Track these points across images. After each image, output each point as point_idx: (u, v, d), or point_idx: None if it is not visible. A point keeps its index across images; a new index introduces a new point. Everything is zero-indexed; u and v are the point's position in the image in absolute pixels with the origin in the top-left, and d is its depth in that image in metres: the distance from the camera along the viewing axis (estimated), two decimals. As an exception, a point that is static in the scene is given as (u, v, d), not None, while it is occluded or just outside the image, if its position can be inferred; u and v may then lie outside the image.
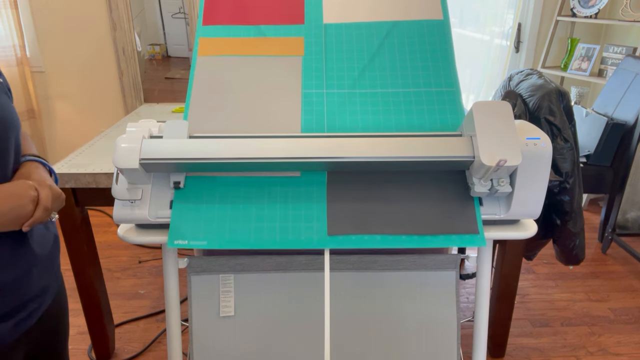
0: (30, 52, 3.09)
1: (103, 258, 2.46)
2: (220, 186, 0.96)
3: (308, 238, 0.91)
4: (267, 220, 0.93)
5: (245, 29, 1.13)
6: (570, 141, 1.54)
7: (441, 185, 0.97)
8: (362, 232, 0.92)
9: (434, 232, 0.92)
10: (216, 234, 0.92)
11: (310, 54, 1.10)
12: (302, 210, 0.94)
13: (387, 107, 1.05)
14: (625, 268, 2.39)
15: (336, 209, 0.94)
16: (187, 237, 0.91)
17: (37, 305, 0.89)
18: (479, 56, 3.35)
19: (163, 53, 6.84)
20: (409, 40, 1.11)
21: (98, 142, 1.74)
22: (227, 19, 1.14)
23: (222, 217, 0.93)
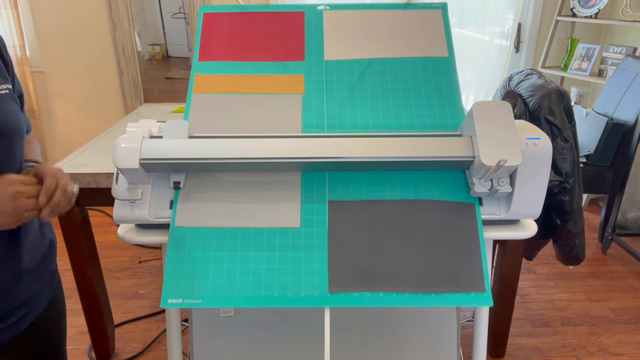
0: (30, 52, 3.09)
1: (103, 258, 2.46)
2: (216, 236, 0.92)
3: (308, 295, 0.87)
4: (265, 276, 0.88)
5: (243, 65, 1.07)
6: (570, 141, 1.54)
7: (447, 231, 0.92)
8: (364, 289, 0.87)
9: (439, 290, 0.87)
10: (212, 291, 0.87)
11: (310, 92, 1.05)
12: (302, 264, 0.89)
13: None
14: (625, 268, 2.39)
15: (337, 262, 0.89)
16: (181, 295, 0.86)
17: (27, 311, 0.88)
18: (479, 56, 3.35)
19: (163, 53, 6.84)
20: (412, 75, 1.06)
21: (98, 142, 1.74)
22: (224, 55, 1.09)
23: (218, 271, 0.88)
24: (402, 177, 0.97)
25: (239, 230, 0.92)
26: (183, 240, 0.91)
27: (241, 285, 0.87)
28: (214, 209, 0.93)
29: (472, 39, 3.34)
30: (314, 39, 1.11)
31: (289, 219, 0.92)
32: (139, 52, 4.03)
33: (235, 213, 0.93)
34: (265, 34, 1.11)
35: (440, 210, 0.93)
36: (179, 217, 0.93)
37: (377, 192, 0.95)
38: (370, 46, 1.10)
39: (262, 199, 0.94)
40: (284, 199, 0.94)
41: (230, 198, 0.94)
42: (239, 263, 0.89)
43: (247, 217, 0.93)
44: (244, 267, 0.89)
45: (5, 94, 0.82)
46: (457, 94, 1.05)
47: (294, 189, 0.95)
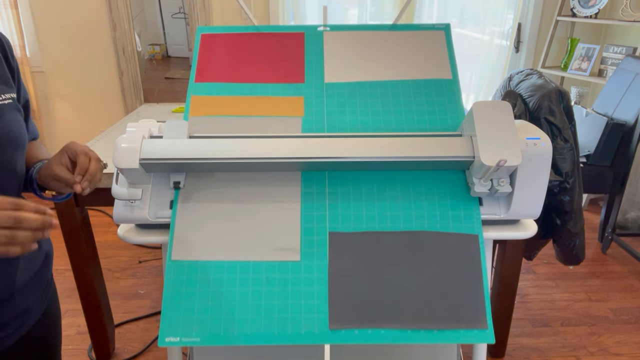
0: (30, 52, 3.09)
1: (103, 258, 2.46)
2: (215, 271, 0.89)
3: (308, 332, 0.85)
4: (264, 312, 0.86)
5: (241, 86, 1.04)
6: (570, 141, 1.54)
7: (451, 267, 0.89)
8: (365, 325, 0.85)
9: (441, 327, 0.86)
10: (210, 329, 0.85)
11: (310, 114, 1.02)
12: (302, 300, 0.86)
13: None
14: (625, 268, 2.39)
15: (338, 298, 0.87)
16: (179, 333, 0.85)
17: (21, 322, 0.86)
18: (479, 56, 3.35)
19: (163, 53, 6.84)
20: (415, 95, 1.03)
21: (98, 142, 1.74)
22: (222, 76, 1.06)
23: (216, 308, 0.86)
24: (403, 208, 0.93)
25: (238, 265, 0.89)
26: (180, 275, 0.88)
27: (240, 322, 0.86)
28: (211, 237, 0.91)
29: (472, 39, 3.34)
30: (314, 60, 1.08)
31: (289, 252, 0.90)
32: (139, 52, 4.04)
33: (234, 245, 0.91)
34: (265, 55, 1.08)
35: (442, 244, 0.91)
36: (176, 251, 0.90)
37: (379, 222, 0.92)
38: (371, 68, 1.07)
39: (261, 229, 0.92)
40: (283, 230, 0.92)
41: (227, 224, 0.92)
42: (237, 300, 0.87)
43: (246, 250, 0.90)
44: (242, 303, 0.87)
45: (8, 104, 0.80)
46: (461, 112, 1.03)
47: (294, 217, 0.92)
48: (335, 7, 3.16)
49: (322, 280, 0.88)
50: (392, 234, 0.91)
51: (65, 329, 1.95)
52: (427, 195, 0.94)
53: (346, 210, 0.93)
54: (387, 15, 3.15)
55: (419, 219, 0.92)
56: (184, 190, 0.95)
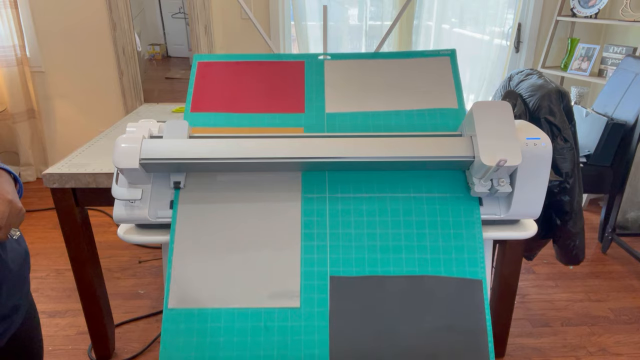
0: (30, 52, 3.09)
1: (103, 258, 2.46)
2: (212, 319, 0.87)
3: None
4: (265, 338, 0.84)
5: (239, 117, 1.01)
6: (570, 141, 1.54)
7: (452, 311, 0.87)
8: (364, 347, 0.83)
9: None
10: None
11: None
12: (302, 350, 0.84)
13: (397, 221, 0.94)
14: (625, 268, 2.39)
15: (339, 348, 0.84)
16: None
17: (7, 325, 0.85)
18: (479, 56, 3.35)
19: (163, 53, 6.84)
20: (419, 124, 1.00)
21: (98, 142, 1.74)
22: (219, 106, 1.02)
23: (214, 358, 0.84)
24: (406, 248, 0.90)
25: (235, 313, 0.87)
26: (177, 324, 0.86)
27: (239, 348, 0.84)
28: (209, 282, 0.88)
29: (472, 39, 3.34)
30: (314, 90, 1.05)
31: (288, 298, 0.87)
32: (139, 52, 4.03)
33: (232, 290, 0.88)
34: (264, 84, 1.05)
35: (446, 289, 0.88)
36: (172, 298, 0.88)
37: (381, 266, 0.89)
38: (373, 98, 1.03)
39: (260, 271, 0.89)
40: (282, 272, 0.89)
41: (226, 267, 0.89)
42: (235, 350, 0.84)
43: (244, 296, 0.88)
44: (241, 354, 0.84)
45: None
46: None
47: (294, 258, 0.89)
48: (335, 7, 3.16)
49: (323, 329, 0.85)
50: (394, 278, 0.88)
51: (65, 329, 1.95)
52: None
53: (348, 254, 0.89)
54: (386, 15, 3.15)
55: (422, 262, 0.89)
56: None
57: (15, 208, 0.74)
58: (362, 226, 0.91)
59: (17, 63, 3.02)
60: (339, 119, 1.01)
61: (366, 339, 0.85)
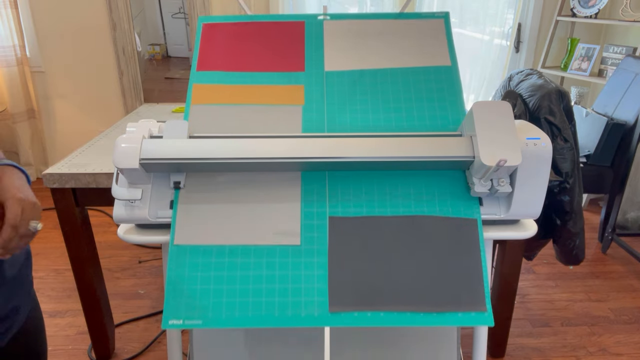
0: (30, 52, 3.09)
1: (103, 258, 2.46)
2: (216, 255, 0.90)
3: (308, 315, 0.86)
4: (265, 296, 0.87)
5: (242, 75, 1.06)
6: (570, 141, 1.54)
7: (450, 251, 0.91)
8: (365, 308, 0.86)
9: (441, 310, 0.87)
10: (212, 312, 0.86)
11: (311, 102, 1.03)
12: (302, 283, 0.88)
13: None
14: (625, 268, 2.39)
15: (338, 281, 0.88)
16: (181, 316, 0.86)
17: (7, 326, 0.84)
18: (479, 56, 3.35)
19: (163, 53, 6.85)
20: (414, 84, 1.04)
21: (98, 142, 1.74)
22: (223, 65, 1.07)
23: (218, 291, 0.87)
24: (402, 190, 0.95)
25: (239, 249, 0.90)
26: (182, 259, 0.90)
27: (241, 305, 0.87)
28: (213, 225, 0.92)
29: (472, 39, 3.34)
30: (314, 49, 1.09)
31: (289, 236, 0.91)
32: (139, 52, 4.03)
33: (235, 230, 0.92)
34: (265, 44, 1.09)
35: (441, 228, 0.92)
36: (178, 235, 0.91)
37: (378, 207, 0.93)
38: (371, 56, 1.08)
39: (262, 213, 0.93)
40: (284, 214, 0.93)
41: (228, 210, 0.93)
42: (238, 283, 0.88)
43: (247, 234, 0.92)
44: (243, 287, 0.88)
45: None
46: (460, 100, 1.03)
47: (294, 203, 0.94)
48: (335, 6, 3.16)
49: (322, 264, 0.89)
50: (391, 218, 0.92)
51: (65, 329, 1.95)
52: (427, 186, 0.95)
53: (346, 195, 0.94)
54: (387, 15, 3.15)
55: (418, 204, 0.94)
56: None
57: (28, 204, 0.72)
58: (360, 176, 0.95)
59: (17, 63, 3.02)
60: (337, 77, 1.06)
61: (363, 274, 0.88)
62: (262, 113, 1.01)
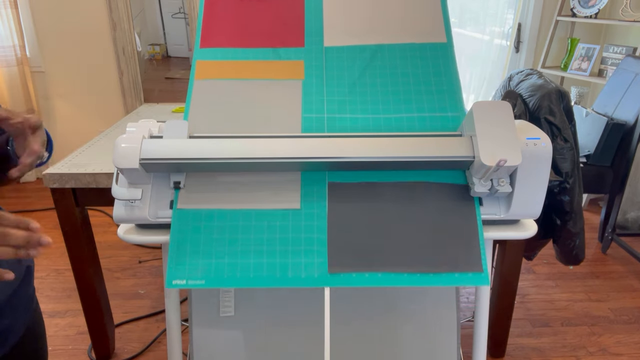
0: (30, 52, 3.09)
1: (103, 258, 2.46)
2: (218, 219, 0.93)
3: (308, 276, 0.89)
4: (266, 256, 0.90)
5: (244, 51, 1.10)
6: (570, 141, 1.54)
7: (445, 214, 0.93)
8: (363, 269, 0.89)
9: (437, 270, 0.89)
10: (214, 272, 0.89)
11: (310, 77, 1.07)
12: (302, 245, 0.91)
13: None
14: (625, 268, 2.39)
15: (337, 244, 0.91)
16: (185, 276, 0.88)
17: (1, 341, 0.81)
18: (479, 56, 3.35)
19: (163, 53, 6.84)
20: (412, 63, 1.08)
21: (98, 142, 1.74)
22: (225, 42, 1.11)
23: (220, 253, 0.90)
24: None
25: (240, 213, 0.93)
26: (186, 222, 0.93)
27: (243, 266, 0.89)
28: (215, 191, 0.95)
29: (472, 39, 3.34)
30: (313, 25, 1.13)
31: (289, 200, 0.94)
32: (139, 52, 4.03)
33: (237, 194, 0.95)
34: (266, 19, 1.13)
35: (438, 194, 0.95)
36: (182, 200, 0.94)
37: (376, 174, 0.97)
38: (369, 32, 1.12)
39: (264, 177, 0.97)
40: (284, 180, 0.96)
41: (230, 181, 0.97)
42: (240, 245, 0.91)
43: (249, 199, 0.94)
44: (245, 249, 0.91)
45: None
46: (456, 81, 1.06)
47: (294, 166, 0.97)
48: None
49: (322, 228, 0.92)
50: (389, 184, 0.96)
51: (65, 329, 1.95)
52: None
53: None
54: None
55: (415, 172, 0.97)
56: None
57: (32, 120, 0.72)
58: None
59: (17, 63, 3.02)
60: (336, 52, 1.10)
61: (362, 237, 0.91)
62: (263, 87, 1.05)
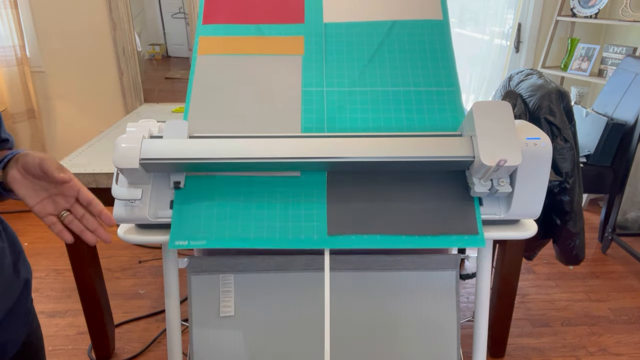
0: (30, 52, 3.09)
1: (103, 258, 2.46)
2: (220, 185, 0.96)
3: (308, 238, 0.91)
4: (267, 220, 0.92)
5: (245, 27, 1.13)
6: (570, 141, 1.54)
7: (442, 186, 0.96)
8: (361, 232, 0.91)
9: (434, 233, 0.92)
10: (216, 233, 0.91)
11: (310, 52, 1.10)
12: (302, 210, 0.93)
13: (387, 105, 1.05)
14: (625, 268, 2.39)
15: (336, 208, 0.94)
16: (187, 238, 0.91)
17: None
18: (479, 56, 3.35)
19: (163, 53, 6.84)
20: (408, 39, 1.11)
21: (98, 142, 1.74)
22: (227, 18, 1.14)
23: (221, 216, 0.93)
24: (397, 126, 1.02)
25: (243, 179, 0.96)
26: (189, 186, 0.95)
27: (244, 228, 0.92)
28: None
29: (472, 39, 3.34)
30: (313, 1, 1.16)
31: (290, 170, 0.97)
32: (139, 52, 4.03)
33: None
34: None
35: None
36: None
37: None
38: (367, 8, 1.15)
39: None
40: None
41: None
42: (241, 209, 0.94)
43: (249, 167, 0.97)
44: (246, 212, 0.93)
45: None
46: (451, 59, 1.09)
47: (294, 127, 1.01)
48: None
49: (321, 194, 0.95)
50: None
51: (65, 329, 1.95)
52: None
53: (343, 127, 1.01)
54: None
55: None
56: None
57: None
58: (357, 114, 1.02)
59: (17, 63, 3.01)
60: (336, 28, 1.13)
61: (360, 202, 0.94)
62: (264, 63, 1.09)
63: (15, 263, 0.83)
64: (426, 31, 1.12)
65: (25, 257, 0.88)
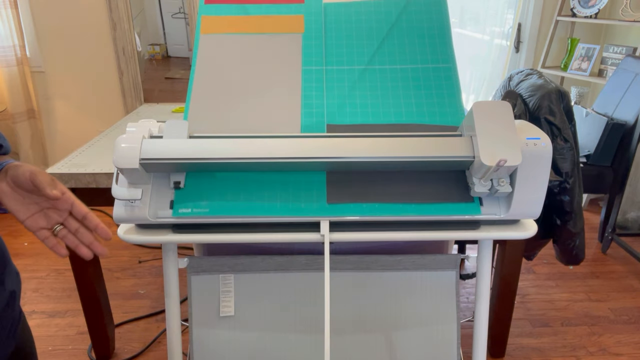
0: (30, 52, 3.09)
1: (103, 258, 2.46)
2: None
3: (308, 206, 0.94)
4: (267, 190, 0.96)
5: (246, 7, 1.16)
6: (570, 141, 1.54)
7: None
8: (360, 200, 0.94)
9: (432, 201, 0.95)
10: (218, 202, 0.94)
11: (310, 31, 1.13)
12: (303, 184, 0.96)
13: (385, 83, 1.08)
14: (625, 268, 2.39)
15: (335, 179, 0.97)
16: (190, 206, 0.94)
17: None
18: (479, 56, 3.35)
19: (163, 53, 6.84)
20: (406, 17, 1.14)
21: (98, 142, 1.74)
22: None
23: (223, 185, 0.96)
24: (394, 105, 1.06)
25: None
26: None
27: (246, 197, 0.95)
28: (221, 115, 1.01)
29: (472, 39, 3.34)
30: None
31: None
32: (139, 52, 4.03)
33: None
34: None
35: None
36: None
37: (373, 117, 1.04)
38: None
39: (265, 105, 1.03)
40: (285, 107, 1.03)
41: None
42: (242, 184, 0.96)
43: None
44: (248, 186, 0.96)
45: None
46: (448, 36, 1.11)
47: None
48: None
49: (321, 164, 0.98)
50: (386, 126, 1.03)
51: (65, 329, 1.95)
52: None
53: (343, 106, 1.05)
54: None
55: (408, 114, 1.05)
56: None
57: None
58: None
59: (17, 63, 3.02)
60: (335, 8, 1.16)
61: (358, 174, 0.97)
62: (265, 41, 1.12)
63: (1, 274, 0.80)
64: (423, 8, 1.15)
65: (14, 268, 0.85)
